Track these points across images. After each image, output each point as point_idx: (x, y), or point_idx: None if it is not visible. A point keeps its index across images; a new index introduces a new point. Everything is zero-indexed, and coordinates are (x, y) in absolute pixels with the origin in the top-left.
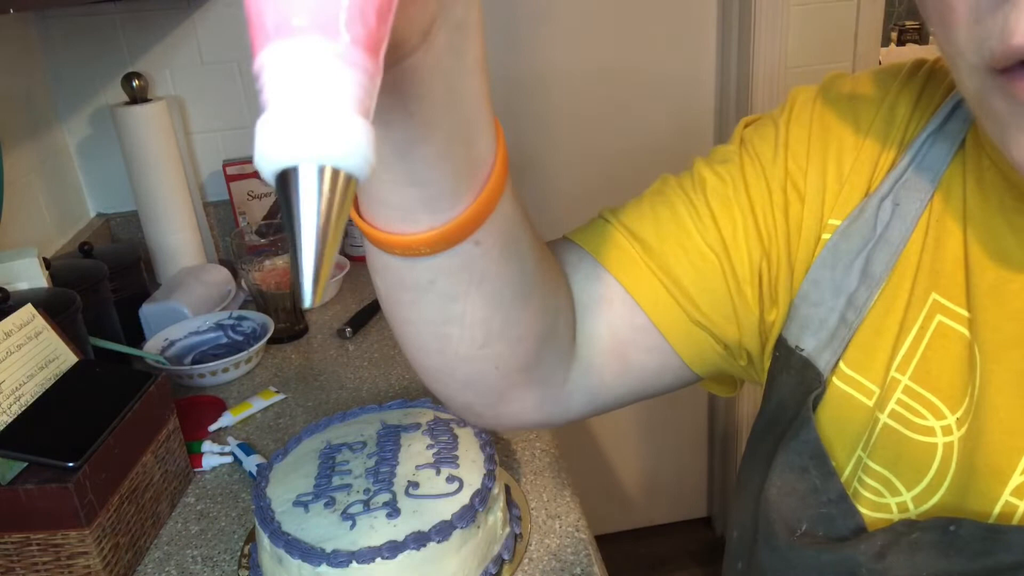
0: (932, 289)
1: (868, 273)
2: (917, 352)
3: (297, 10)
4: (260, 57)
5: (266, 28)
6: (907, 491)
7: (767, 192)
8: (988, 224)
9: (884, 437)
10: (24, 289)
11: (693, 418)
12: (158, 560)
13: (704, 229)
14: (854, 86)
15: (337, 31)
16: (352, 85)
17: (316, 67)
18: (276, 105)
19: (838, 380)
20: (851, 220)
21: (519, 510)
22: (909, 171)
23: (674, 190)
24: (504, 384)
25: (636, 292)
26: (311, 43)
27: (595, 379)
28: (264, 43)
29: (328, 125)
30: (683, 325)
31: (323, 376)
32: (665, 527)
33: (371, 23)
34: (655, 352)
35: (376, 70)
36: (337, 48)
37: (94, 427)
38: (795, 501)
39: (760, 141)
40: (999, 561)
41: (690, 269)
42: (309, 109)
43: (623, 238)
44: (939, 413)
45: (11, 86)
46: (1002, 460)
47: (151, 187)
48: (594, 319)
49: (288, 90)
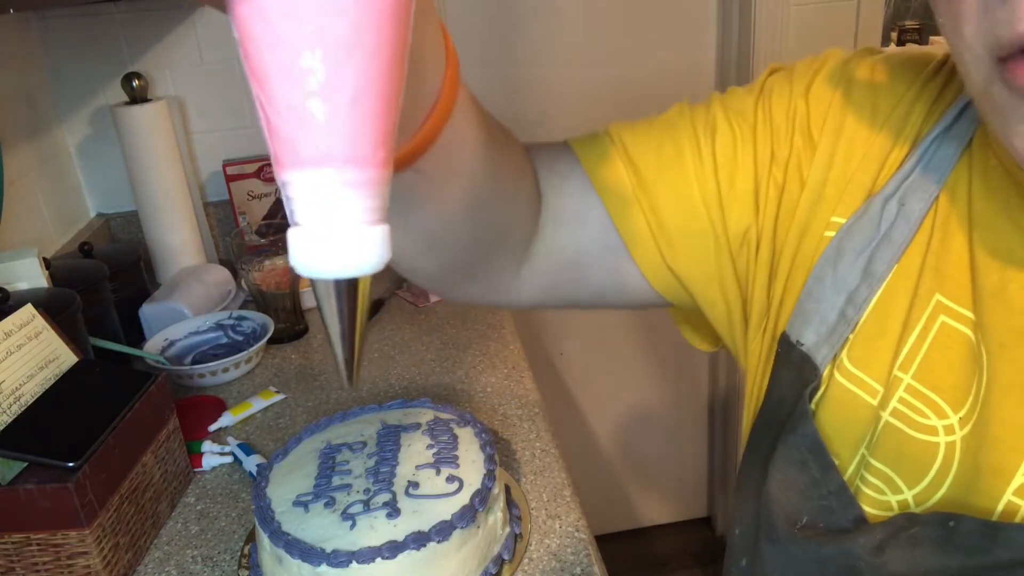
0: (936, 290)
1: (870, 272)
2: (920, 352)
3: (323, 142)
4: (289, 175)
5: (297, 153)
6: (908, 489)
7: (769, 162)
8: (993, 224)
9: (886, 435)
10: (24, 289)
11: (693, 418)
12: (158, 560)
13: (704, 180)
14: (880, 72)
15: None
16: (367, 201)
17: (337, 194)
18: (305, 224)
19: (842, 377)
20: (855, 218)
21: (519, 510)
22: (916, 171)
23: (685, 128)
24: (447, 278)
25: (619, 222)
26: (334, 173)
27: (548, 281)
28: (295, 165)
29: (345, 243)
30: (659, 265)
31: (323, 376)
32: (665, 527)
33: (384, 142)
34: (620, 275)
35: (389, 174)
36: (356, 175)
37: (94, 427)
38: (795, 495)
39: (778, 101)
40: (997, 558)
41: (678, 216)
42: (329, 231)
43: (621, 164)
44: (941, 412)
45: (11, 86)
46: (1005, 459)
47: (151, 187)
48: (564, 232)
49: (314, 212)
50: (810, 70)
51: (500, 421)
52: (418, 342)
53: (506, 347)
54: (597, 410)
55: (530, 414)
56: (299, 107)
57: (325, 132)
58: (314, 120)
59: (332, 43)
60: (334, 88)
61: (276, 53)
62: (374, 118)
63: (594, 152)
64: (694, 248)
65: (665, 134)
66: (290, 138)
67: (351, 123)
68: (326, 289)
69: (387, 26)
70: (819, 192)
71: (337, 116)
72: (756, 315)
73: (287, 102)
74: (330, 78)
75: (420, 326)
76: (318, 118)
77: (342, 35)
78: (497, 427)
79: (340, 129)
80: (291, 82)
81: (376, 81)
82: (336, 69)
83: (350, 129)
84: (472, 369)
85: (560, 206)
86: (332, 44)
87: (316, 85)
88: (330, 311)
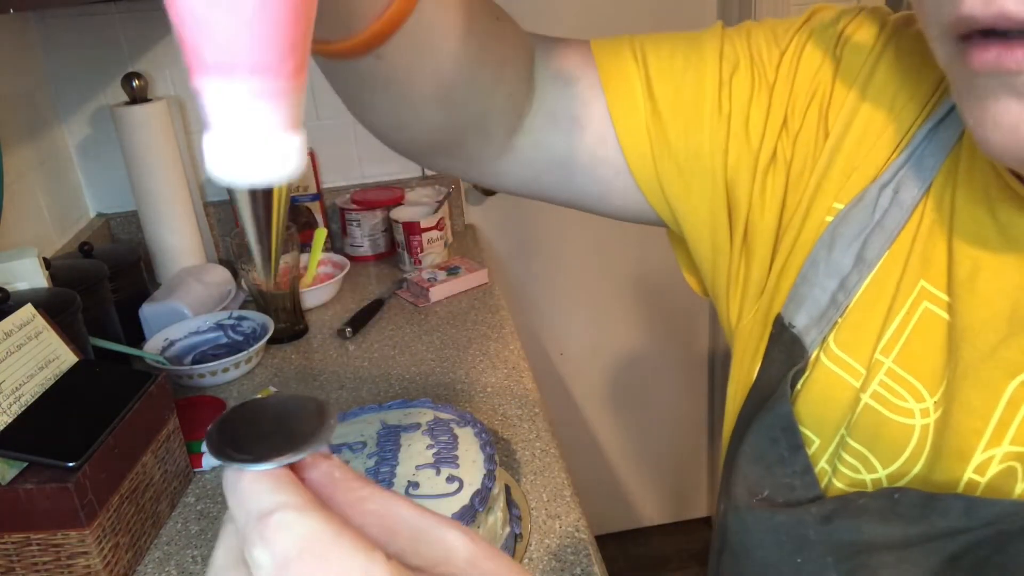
0: (921, 276)
1: (862, 257)
2: (902, 336)
3: (227, 51)
4: (198, 82)
5: (204, 60)
6: (883, 469)
7: (780, 127)
8: (973, 213)
9: (864, 417)
10: (24, 289)
11: (693, 419)
12: (158, 560)
13: (715, 128)
14: (908, 59)
15: (268, 69)
16: (277, 111)
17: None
18: (217, 130)
19: (827, 360)
20: (852, 205)
21: (519, 510)
22: (912, 160)
23: (712, 65)
24: (422, 154)
25: (625, 140)
26: (241, 83)
27: (530, 174)
28: (202, 72)
29: (257, 152)
30: (656, 191)
31: (323, 376)
32: (665, 527)
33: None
34: (606, 184)
35: (302, 83)
36: (264, 85)
37: (94, 427)
38: (761, 468)
39: (805, 67)
40: (934, 526)
41: (684, 152)
42: (240, 141)
43: (640, 88)
44: (919, 396)
45: (11, 86)
46: (964, 442)
47: (151, 187)
48: (557, 133)
49: (226, 118)
50: (843, 38)
51: (500, 421)
52: (418, 342)
53: (506, 347)
54: (597, 410)
55: (530, 414)
56: (203, 16)
57: (229, 42)
58: (218, 29)
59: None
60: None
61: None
62: (281, 26)
63: (615, 67)
64: (692, 187)
65: (690, 65)
66: (196, 46)
67: (256, 33)
68: (241, 195)
69: None
70: (824, 175)
71: (241, 25)
72: (751, 290)
73: (192, 11)
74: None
75: (420, 326)
76: (222, 27)
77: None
78: (497, 427)
79: (245, 39)
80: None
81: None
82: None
83: (255, 39)
84: (472, 369)
85: (559, 106)
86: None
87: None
88: (247, 215)
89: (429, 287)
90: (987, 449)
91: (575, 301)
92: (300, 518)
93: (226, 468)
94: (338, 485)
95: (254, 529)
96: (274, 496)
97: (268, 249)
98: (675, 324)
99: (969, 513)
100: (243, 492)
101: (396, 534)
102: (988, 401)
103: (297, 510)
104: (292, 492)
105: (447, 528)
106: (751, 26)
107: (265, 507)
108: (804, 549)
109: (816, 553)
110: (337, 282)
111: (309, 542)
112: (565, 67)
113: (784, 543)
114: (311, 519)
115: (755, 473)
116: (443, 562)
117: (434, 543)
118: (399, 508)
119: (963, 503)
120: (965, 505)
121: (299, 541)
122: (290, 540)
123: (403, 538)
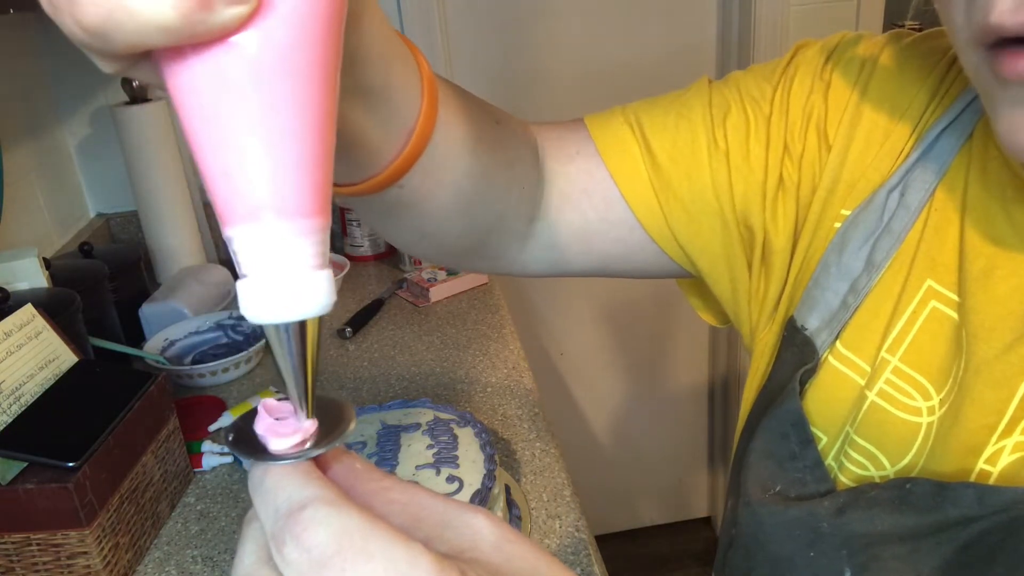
0: (928, 275)
1: (872, 260)
2: (909, 335)
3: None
4: (230, 231)
5: (234, 210)
6: (891, 465)
7: (782, 155)
8: (987, 213)
9: (871, 415)
10: (24, 289)
11: (693, 419)
12: (158, 560)
13: (716, 168)
14: (903, 63)
15: (292, 212)
16: (305, 249)
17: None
18: (249, 275)
19: (833, 359)
20: (861, 209)
21: (519, 510)
22: (918, 163)
23: (703, 112)
24: (449, 258)
25: (630, 196)
26: (270, 226)
27: (554, 255)
28: (233, 222)
29: (288, 291)
30: (669, 239)
31: (323, 376)
32: (665, 527)
33: (316, 191)
34: (625, 244)
35: (327, 221)
36: (293, 226)
37: (94, 427)
38: (773, 464)
39: (797, 92)
40: (946, 515)
41: (689, 197)
42: (271, 281)
43: (636, 145)
44: (927, 394)
45: (11, 86)
46: (974, 437)
47: (151, 187)
48: (570, 208)
49: (256, 264)
50: (827, 66)
51: (500, 421)
52: (418, 342)
53: (506, 347)
54: (597, 410)
55: (530, 414)
56: (233, 173)
57: (258, 191)
58: (247, 182)
59: (259, 114)
60: (264, 152)
61: (208, 126)
62: (304, 172)
63: (609, 131)
64: (702, 228)
65: (682, 118)
66: (227, 199)
67: (282, 181)
68: (275, 333)
69: (310, 92)
70: (831, 189)
71: (268, 175)
72: (768, 305)
73: (223, 169)
74: (259, 144)
75: (420, 326)
76: (251, 180)
77: (269, 106)
78: (497, 427)
79: (272, 187)
80: (224, 151)
81: (304, 140)
82: (265, 137)
83: (281, 186)
84: (472, 369)
85: (567, 184)
86: (260, 114)
87: (247, 151)
88: (280, 352)
89: (429, 287)
90: (999, 440)
91: (575, 301)
92: (333, 512)
93: (252, 466)
94: (359, 476)
95: (284, 527)
96: (303, 491)
97: (304, 382)
98: (675, 324)
99: (981, 501)
100: (270, 488)
101: (422, 521)
102: (1003, 397)
103: (329, 504)
104: (321, 485)
105: (472, 514)
106: (738, 75)
107: (295, 502)
108: (817, 542)
109: (829, 546)
110: (337, 282)
111: (346, 536)
112: (565, 147)
113: (797, 537)
114: (344, 512)
115: (767, 468)
116: (470, 548)
117: (461, 528)
118: (421, 497)
119: (975, 491)
120: (977, 493)
121: (335, 536)
122: (324, 535)
123: (429, 525)
